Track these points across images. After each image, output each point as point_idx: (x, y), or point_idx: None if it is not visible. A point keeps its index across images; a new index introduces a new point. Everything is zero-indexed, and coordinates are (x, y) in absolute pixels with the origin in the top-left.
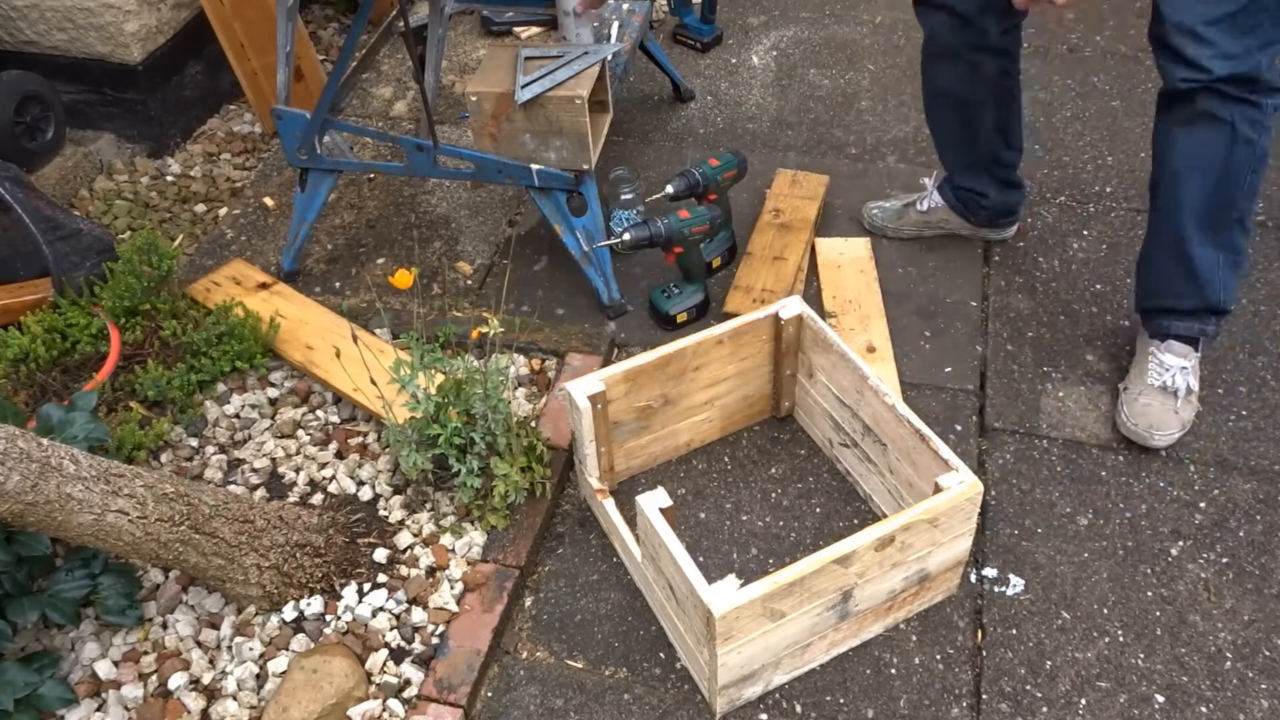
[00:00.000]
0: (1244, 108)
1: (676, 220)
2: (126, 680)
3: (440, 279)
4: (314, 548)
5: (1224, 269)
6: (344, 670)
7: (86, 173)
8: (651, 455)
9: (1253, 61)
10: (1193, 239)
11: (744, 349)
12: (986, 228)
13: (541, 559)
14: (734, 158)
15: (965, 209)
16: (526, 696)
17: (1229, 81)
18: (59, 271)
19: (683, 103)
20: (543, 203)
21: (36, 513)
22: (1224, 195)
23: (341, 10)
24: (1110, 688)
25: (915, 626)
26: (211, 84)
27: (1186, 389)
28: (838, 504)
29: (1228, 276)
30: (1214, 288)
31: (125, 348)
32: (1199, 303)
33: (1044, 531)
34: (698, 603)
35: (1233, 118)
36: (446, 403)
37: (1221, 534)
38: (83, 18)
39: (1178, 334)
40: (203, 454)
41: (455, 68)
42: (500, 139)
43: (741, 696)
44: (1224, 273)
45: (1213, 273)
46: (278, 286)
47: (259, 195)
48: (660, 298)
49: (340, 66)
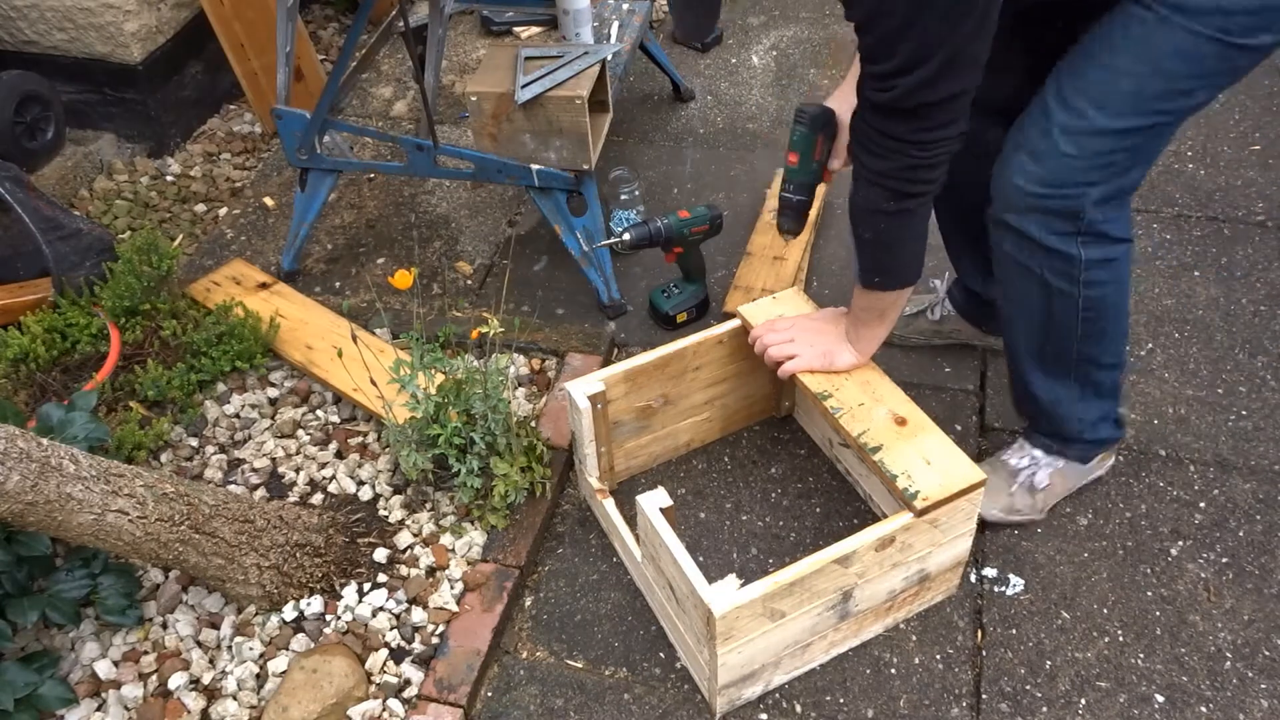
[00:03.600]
0: (1054, 259)
1: (676, 220)
2: (126, 680)
3: (440, 279)
4: (314, 548)
5: (1079, 402)
6: (344, 670)
7: (86, 173)
8: (651, 455)
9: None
10: (1031, 378)
11: (744, 349)
12: (997, 335)
13: (541, 559)
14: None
15: (978, 316)
16: (526, 696)
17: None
18: (59, 271)
19: (683, 103)
20: (543, 203)
21: (36, 513)
22: (1056, 343)
23: (341, 10)
24: (1110, 688)
25: (915, 626)
26: (211, 84)
27: (1030, 484)
28: (838, 504)
29: (1085, 409)
30: (1069, 422)
31: (125, 348)
32: (1053, 429)
33: (1044, 531)
34: (698, 602)
35: (1042, 270)
36: (446, 403)
37: (1221, 534)
38: (83, 18)
39: (1038, 443)
40: (203, 454)
41: (455, 68)
42: (500, 139)
43: (741, 696)
44: (1079, 406)
45: (1062, 408)
46: (278, 286)
47: (259, 195)
48: (660, 298)
49: (340, 66)
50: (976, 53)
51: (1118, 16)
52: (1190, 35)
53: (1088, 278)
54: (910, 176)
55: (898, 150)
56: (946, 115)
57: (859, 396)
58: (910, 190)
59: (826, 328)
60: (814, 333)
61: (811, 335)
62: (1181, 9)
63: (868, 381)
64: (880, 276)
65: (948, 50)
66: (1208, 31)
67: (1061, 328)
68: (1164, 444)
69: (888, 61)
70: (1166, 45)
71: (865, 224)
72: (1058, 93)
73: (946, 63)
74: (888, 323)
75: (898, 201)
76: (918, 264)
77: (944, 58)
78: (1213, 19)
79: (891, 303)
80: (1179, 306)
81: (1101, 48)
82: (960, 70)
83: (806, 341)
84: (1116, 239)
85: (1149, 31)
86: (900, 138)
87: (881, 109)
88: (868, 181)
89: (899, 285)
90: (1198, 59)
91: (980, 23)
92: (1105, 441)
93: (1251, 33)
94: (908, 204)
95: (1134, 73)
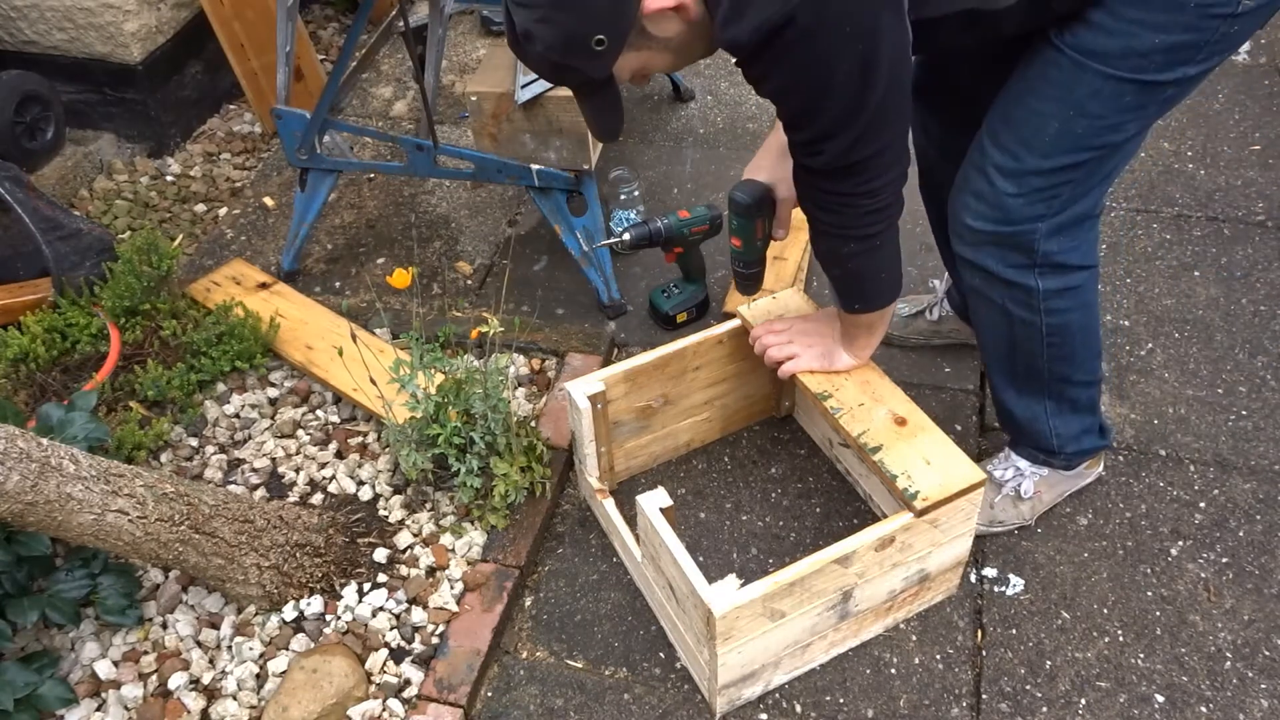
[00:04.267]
0: (1013, 290)
1: (676, 220)
2: (126, 680)
3: (440, 279)
4: (314, 548)
5: (1053, 418)
6: (344, 670)
7: (86, 173)
8: (651, 455)
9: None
10: (1005, 396)
11: (744, 349)
12: None
13: (541, 559)
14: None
15: None
16: (526, 696)
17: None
18: (59, 271)
19: (683, 103)
20: (543, 203)
21: (36, 513)
22: (1024, 364)
23: (341, 10)
24: (1110, 687)
25: (915, 626)
26: (211, 84)
27: (1016, 493)
28: (838, 504)
29: (1063, 424)
30: (1044, 436)
31: (125, 347)
32: (1033, 443)
33: (1044, 531)
34: (698, 602)
35: (1003, 301)
36: (446, 403)
37: (1221, 534)
38: (83, 17)
39: (1023, 452)
40: (203, 454)
41: (455, 68)
42: (500, 139)
43: (741, 696)
44: (1055, 422)
45: (1038, 424)
46: (278, 286)
47: (259, 195)
48: (660, 298)
49: (340, 66)
50: (895, 106)
51: (1036, 59)
52: (1105, 79)
53: (1048, 306)
54: (866, 221)
55: (847, 204)
56: (884, 164)
57: (859, 396)
58: (869, 232)
59: (825, 328)
60: (813, 333)
61: (811, 335)
62: (1094, 53)
63: (868, 381)
64: (860, 303)
65: (864, 116)
66: (1122, 74)
67: (1028, 353)
68: (1164, 444)
69: (808, 130)
70: (1084, 88)
71: (833, 264)
72: (992, 134)
73: (867, 125)
74: (878, 333)
75: (859, 244)
76: (896, 284)
77: (863, 122)
78: (1126, 61)
79: (878, 318)
80: (1179, 306)
81: (1026, 91)
82: (883, 126)
83: (806, 342)
84: (1076, 267)
85: (1065, 75)
86: (846, 193)
87: (818, 172)
88: (826, 234)
89: (879, 307)
90: (1117, 98)
91: (890, 85)
92: (1090, 451)
93: (1168, 68)
94: (870, 243)
95: (1058, 115)
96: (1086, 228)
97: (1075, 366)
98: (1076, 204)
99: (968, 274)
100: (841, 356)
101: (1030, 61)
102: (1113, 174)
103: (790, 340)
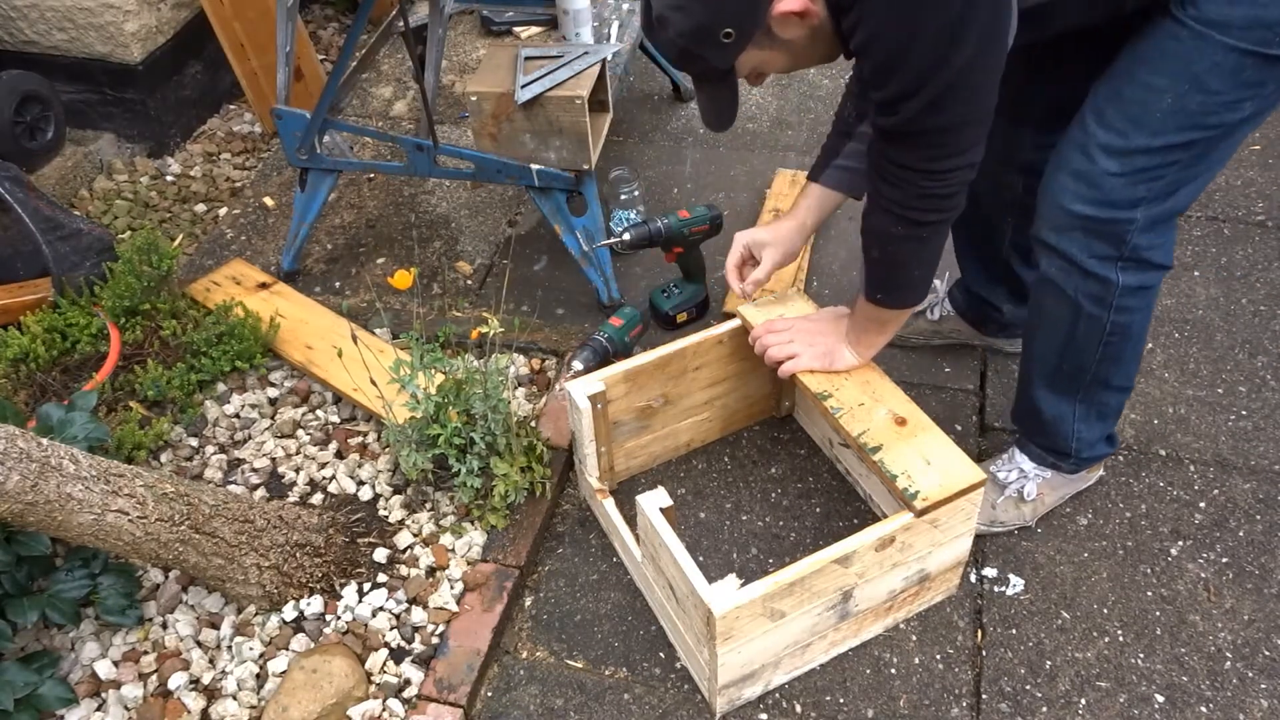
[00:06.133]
0: (1089, 283)
1: (676, 220)
2: (126, 680)
3: (440, 279)
4: (314, 548)
5: (1079, 421)
6: (344, 670)
7: (86, 173)
8: (651, 455)
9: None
10: (1039, 393)
11: (744, 349)
12: (996, 338)
13: (541, 559)
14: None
15: (978, 319)
16: (526, 696)
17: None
18: (59, 271)
19: (683, 102)
20: (543, 202)
21: (36, 512)
22: (1073, 362)
23: (341, 10)
24: (1110, 687)
25: (915, 626)
26: (211, 84)
27: (1019, 495)
28: (838, 504)
29: (1086, 429)
30: (1064, 438)
31: (125, 347)
32: (1048, 444)
33: (1044, 531)
34: (698, 602)
35: (1076, 293)
36: (446, 403)
37: (1221, 534)
38: (83, 18)
39: (1031, 453)
40: (203, 454)
41: (455, 68)
42: (500, 139)
43: (741, 696)
44: (1080, 425)
45: (1063, 425)
46: (278, 286)
47: (259, 195)
48: (660, 298)
49: (340, 66)
50: (978, 84)
51: (1153, 33)
52: (1228, 51)
53: (1120, 304)
54: (922, 205)
55: (909, 179)
56: (956, 143)
57: (859, 396)
58: (922, 219)
59: (826, 328)
60: (814, 333)
61: (811, 335)
62: (1218, 24)
63: (868, 381)
64: (884, 294)
65: (945, 77)
66: (1246, 45)
67: (1080, 350)
68: (1164, 444)
69: (886, 88)
70: (1204, 61)
71: (874, 243)
72: (1097, 112)
73: (947, 88)
74: (888, 333)
75: (908, 228)
76: (924, 287)
77: (943, 83)
78: (1251, 33)
79: (893, 317)
80: (1179, 306)
81: (1139, 65)
82: (964, 98)
83: (806, 341)
84: (1158, 266)
85: (1185, 48)
86: (911, 166)
87: (890, 135)
88: (880, 208)
89: (901, 306)
90: (1237, 72)
91: (977, 55)
92: (1099, 457)
93: None
94: (919, 231)
95: (1172, 90)
96: (1172, 227)
97: (1119, 371)
98: (1176, 194)
99: (1046, 260)
100: (842, 356)
101: (1144, 36)
102: (1216, 165)
103: (791, 340)
